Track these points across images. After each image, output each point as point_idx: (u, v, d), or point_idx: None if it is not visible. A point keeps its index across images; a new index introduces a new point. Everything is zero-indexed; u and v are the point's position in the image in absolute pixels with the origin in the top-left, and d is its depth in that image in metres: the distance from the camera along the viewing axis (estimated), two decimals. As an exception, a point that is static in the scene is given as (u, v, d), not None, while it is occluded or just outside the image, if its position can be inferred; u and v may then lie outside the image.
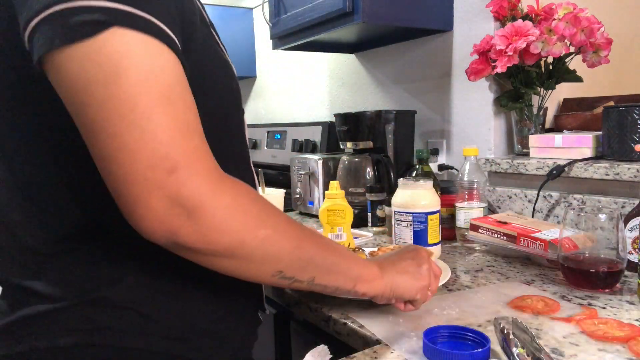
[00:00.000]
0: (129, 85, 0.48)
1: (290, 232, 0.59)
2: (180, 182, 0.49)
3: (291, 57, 2.35)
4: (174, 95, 0.50)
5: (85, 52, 0.48)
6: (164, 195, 0.49)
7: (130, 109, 0.48)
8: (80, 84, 0.48)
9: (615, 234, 0.86)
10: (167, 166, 0.49)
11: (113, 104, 0.48)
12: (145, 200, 0.49)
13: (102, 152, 0.50)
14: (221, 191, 0.52)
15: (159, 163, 0.48)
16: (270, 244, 0.56)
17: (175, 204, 0.49)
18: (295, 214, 1.74)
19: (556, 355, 0.65)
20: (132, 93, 0.48)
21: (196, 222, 0.50)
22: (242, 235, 0.53)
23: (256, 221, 0.55)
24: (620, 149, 1.11)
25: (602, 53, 1.26)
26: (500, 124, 1.44)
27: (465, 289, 0.91)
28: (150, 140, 0.48)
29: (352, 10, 1.33)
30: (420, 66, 1.64)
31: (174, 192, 0.49)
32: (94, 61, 0.48)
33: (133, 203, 0.50)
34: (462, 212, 1.20)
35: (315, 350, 0.69)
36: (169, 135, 0.49)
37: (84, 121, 0.50)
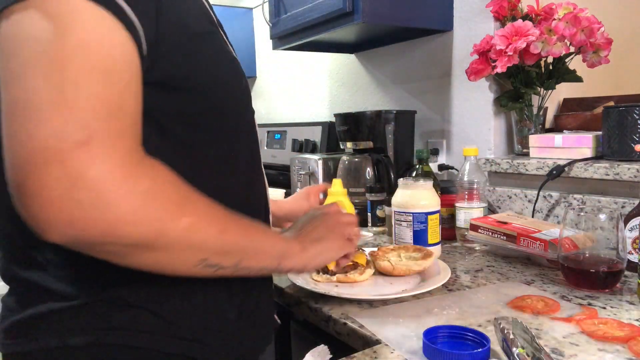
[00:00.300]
0: (71, 47, 0.44)
1: (215, 216, 0.55)
2: (88, 159, 0.43)
3: (291, 57, 2.35)
4: (115, 72, 0.46)
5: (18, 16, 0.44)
6: (65, 173, 0.42)
7: (60, 69, 0.43)
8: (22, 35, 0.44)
9: (615, 234, 0.86)
10: (78, 137, 0.42)
11: (44, 59, 0.43)
12: (40, 174, 0.42)
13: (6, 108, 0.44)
14: (137, 175, 0.46)
15: (70, 132, 0.42)
16: (194, 231, 0.51)
17: (78, 186, 0.42)
18: (295, 214, 1.74)
19: (556, 355, 0.65)
20: (70, 54, 0.44)
21: (102, 210, 0.43)
22: (162, 224, 0.48)
23: (178, 208, 0.50)
24: (620, 149, 1.11)
25: (602, 53, 1.26)
26: (500, 124, 1.44)
27: (465, 289, 0.91)
28: (68, 106, 0.43)
29: (352, 10, 1.33)
30: (420, 66, 1.64)
31: (76, 170, 0.42)
32: (48, 14, 0.44)
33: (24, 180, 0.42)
34: (462, 212, 1.20)
35: (315, 350, 0.69)
36: (92, 107, 0.44)
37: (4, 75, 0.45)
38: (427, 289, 0.86)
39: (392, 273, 0.93)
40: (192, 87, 0.58)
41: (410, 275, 0.94)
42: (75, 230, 0.44)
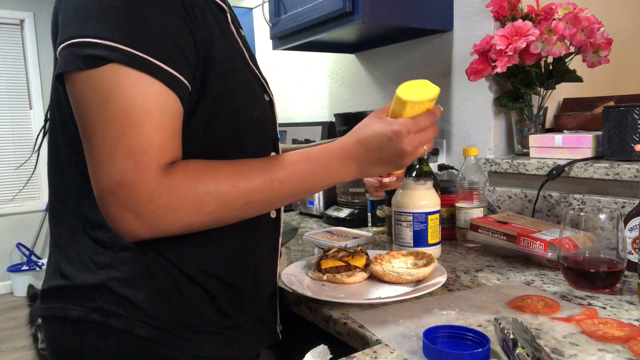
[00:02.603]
0: (114, 110, 0.60)
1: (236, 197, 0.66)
2: (126, 193, 0.60)
3: (291, 57, 2.35)
4: (149, 119, 0.61)
5: (88, 78, 0.61)
6: (117, 204, 0.61)
7: (108, 128, 0.60)
8: (81, 101, 0.62)
9: (615, 234, 0.86)
10: (118, 179, 0.60)
11: (98, 123, 0.61)
12: (103, 204, 0.62)
13: (87, 158, 0.63)
14: (157, 195, 0.61)
15: (114, 176, 0.60)
16: (220, 214, 0.66)
17: (125, 210, 0.61)
18: (295, 214, 1.74)
19: (556, 355, 0.65)
20: (113, 117, 0.60)
21: (145, 223, 0.62)
22: (188, 219, 0.64)
23: (197, 204, 0.64)
24: (620, 149, 1.11)
25: (602, 53, 1.26)
26: (500, 124, 1.44)
27: (465, 289, 0.91)
28: (113, 156, 0.60)
29: (352, 10, 1.33)
30: (420, 66, 1.64)
31: (122, 202, 0.61)
32: (94, 86, 0.61)
33: (102, 209, 0.62)
34: (462, 212, 1.20)
35: (315, 350, 0.69)
36: (127, 153, 0.60)
37: (80, 130, 0.63)
38: (425, 291, 0.86)
39: (383, 279, 0.93)
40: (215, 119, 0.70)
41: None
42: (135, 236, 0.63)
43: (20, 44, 4.43)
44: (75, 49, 0.61)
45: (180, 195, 0.63)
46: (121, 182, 0.60)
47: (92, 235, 0.70)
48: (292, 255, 1.22)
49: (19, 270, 4.20)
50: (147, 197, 0.61)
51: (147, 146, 0.61)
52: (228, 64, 0.71)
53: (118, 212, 0.61)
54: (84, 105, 0.61)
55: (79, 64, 0.60)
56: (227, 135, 0.72)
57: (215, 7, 0.74)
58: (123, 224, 0.61)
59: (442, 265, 1.00)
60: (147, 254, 0.69)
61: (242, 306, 0.77)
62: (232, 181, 0.66)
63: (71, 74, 0.62)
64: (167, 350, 0.69)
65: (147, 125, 0.61)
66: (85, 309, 0.68)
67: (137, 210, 0.61)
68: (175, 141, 0.64)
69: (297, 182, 0.71)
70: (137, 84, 0.61)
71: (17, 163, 4.36)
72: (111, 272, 0.68)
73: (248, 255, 0.78)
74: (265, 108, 0.78)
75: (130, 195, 0.60)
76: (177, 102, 0.64)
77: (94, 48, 0.60)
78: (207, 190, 0.65)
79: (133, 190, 0.60)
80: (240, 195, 0.67)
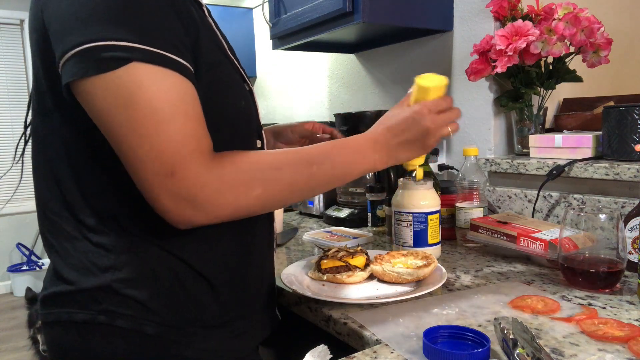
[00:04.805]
0: (141, 109, 0.61)
1: (280, 180, 0.70)
2: (177, 183, 0.62)
3: (291, 57, 2.35)
4: (177, 111, 0.63)
5: (109, 81, 0.61)
6: (170, 195, 0.62)
7: (142, 127, 0.61)
8: (105, 106, 0.62)
9: (615, 234, 0.86)
10: (167, 172, 0.62)
11: (130, 124, 0.61)
12: (158, 198, 0.63)
13: (125, 160, 0.64)
14: (208, 181, 0.64)
15: (162, 170, 0.62)
16: (264, 198, 0.69)
17: (180, 199, 0.63)
18: (295, 214, 1.74)
19: (556, 355, 0.65)
20: (143, 115, 0.61)
21: (200, 209, 0.64)
22: (237, 202, 0.67)
23: (245, 188, 0.67)
24: (620, 149, 1.11)
25: (602, 53, 1.26)
26: (500, 124, 1.44)
27: (465, 289, 0.91)
28: (156, 152, 0.61)
29: (352, 10, 1.33)
30: (420, 66, 1.64)
31: (175, 191, 0.62)
32: (116, 89, 0.61)
33: (152, 201, 0.64)
34: (462, 212, 1.20)
35: (315, 350, 0.69)
36: (169, 147, 0.62)
37: (110, 136, 0.64)
38: (425, 291, 0.86)
39: (383, 279, 0.93)
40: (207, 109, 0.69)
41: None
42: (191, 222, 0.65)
43: (20, 44, 4.43)
44: (88, 53, 0.60)
45: (230, 180, 0.66)
46: (172, 174, 0.62)
47: (92, 240, 0.70)
48: (292, 255, 1.22)
49: (19, 270, 4.20)
50: (200, 184, 0.63)
51: (184, 137, 0.63)
52: (213, 56, 0.72)
53: (173, 202, 0.62)
54: (110, 109, 0.62)
55: (97, 68, 0.60)
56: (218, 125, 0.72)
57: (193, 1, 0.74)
58: (180, 213, 0.63)
59: (442, 265, 1.00)
60: (149, 252, 0.70)
61: (244, 297, 0.78)
62: (275, 167, 0.70)
63: (85, 81, 0.61)
64: (173, 346, 0.70)
65: (178, 118, 0.63)
66: (91, 312, 0.68)
67: (192, 197, 0.63)
68: (204, 128, 0.66)
69: (335, 169, 0.75)
70: (158, 79, 0.62)
71: (17, 163, 4.35)
72: (115, 274, 0.68)
73: (246, 245, 0.79)
74: (248, 97, 0.81)
75: (183, 185, 0.62)
76: (193, 89, 0.66)
77: (109, 50, 0.60)
78: (253, 175, 0.68)
79: (185, 180, 0.62)
80: (283, 179, 0.70)
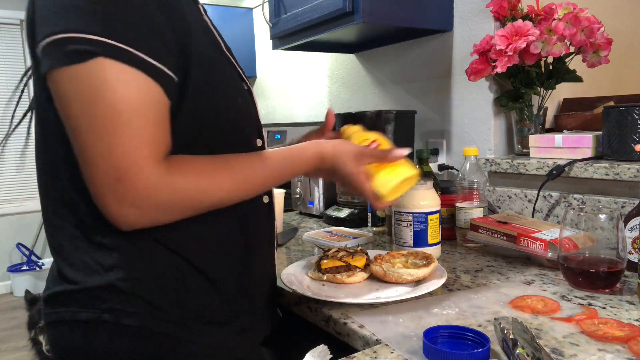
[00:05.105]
0: (101, 107, 0.60)
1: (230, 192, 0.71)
2: (124, 189, 0.61)
3: (291, 57, 2.35)
4: (136, 114, 0.61)
5: (75, 74, 0.60)
6: (115, 198, 0.62)
7: (100, 126, 0.60)
8: (68, 98, 0.61)
9: (615, 234, 0.86)
10: (116, 175, 0.61)
11: (88, 121, 0.60)
12: (103, 199, 0.62)
13: (79, 155, 0.63)
14: (158, 192, 0.63)
15: (111, 172, 0.61)
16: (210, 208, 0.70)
17: (125, 205, 0.62)
18: (295, 214, 1.74)
19: (556, 355, 0.65)
20: (102, 113, 0.60)
21: (147, 216, 0.64)
22: (184, 214, 0.68)
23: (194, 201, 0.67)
24: (620, 149, 1.11)
25: (602, 53, 1.26)
26: (500, 124, 1.44)
27: (465, 289, 0.91)
28: (109, 154, 0.60)
29: (352, 10, 1.33)
30: (420, 66, 1.64)
31: (121, 196, 0.62)
32: (80, 82, 0.60)
33: (97, 200, 0.63)
34: (462, 212, 1.20)
35: (315, 350, 0.69)
36: (123, 150, 0.61)
37: (69, 129, 0.63)
38: (425, 291, 0.86)
39: (384, 279, 0.93)
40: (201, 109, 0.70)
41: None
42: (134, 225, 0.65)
43: (20, 44, 4.43)
44: (58, 44, 0.60)
45: (180, 194, 0.65)
46: (120, 178, 0.61)
47: (95, 240, 0.69)
48: (292, 255, 1.22)
49: (19, 270, 4.20)
50: (147, 193, 0.62)
51: (139, 142, 0.62)
52: (207, 53, 0.72)
53: (118, 206, 0.62)
54: (72, 103, 0.61)
55: (64, 59, 0.60)
56: (214, 124, 0.73)
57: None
58: (123, 217, 0.63)
59: (442, 265, 1.00)
60: (153, 250, 0.70)
61: (247, 294, 0.79)
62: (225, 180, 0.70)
63: (55, 72, 0.61)
64: (179, 343, 0.70)
65: (138, 121, 0.61)
66: (95, 311, 0.68)
67: (138, 204, 0.62)
68: (165, 134, 0.65)
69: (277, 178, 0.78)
70: (123, 78, 0.60)
71: (17, 163, 4.36)
72: (119, 273, 0.68)
73: (248, 242, 0.79)
74: (246, 96, 0.80)
75: (129, 191, 0.61)
76: (162, 95, 0.64)
77: (77, 43, 0.59)
78: (204, 188, 0.68)
79: (132, 187, 0.61)
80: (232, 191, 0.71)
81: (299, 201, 1.70)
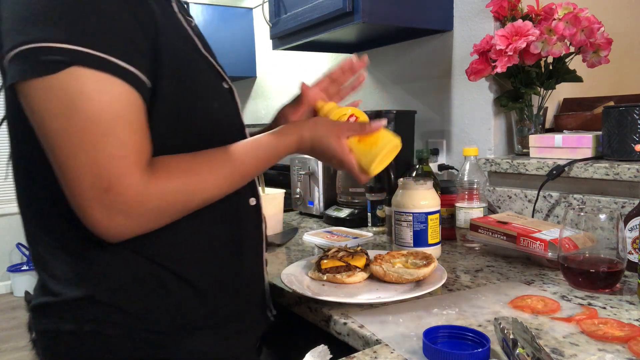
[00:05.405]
0: (81, 119, 0.58)
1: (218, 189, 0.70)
2: (113, 198, 0.60)
3: (291, 57, 2.35)
4: (119, 123, 0.60)
5: (48, 85, 0.58)
6: (104, 208, 0.60)
7: (81, 138, 0.59)
8: (43, 111, 0.59)
9: (615, 234, 0.86)
10: (103, 186, 0.60)
11: (67, 133, 0.58)
12: (89, 210, 0.61)
13: (58, 169, 0.61)
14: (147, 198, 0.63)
15: (98, 183, 0.59)
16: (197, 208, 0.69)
17: (114, 213, 0.61)
18: (295, 214, 1.74)
19: (556, 355, 0.65)
20: (82, 126, 0.58)
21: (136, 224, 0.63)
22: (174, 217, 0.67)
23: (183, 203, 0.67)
24: (620, 149, 1.11)
25: (602, 53, 1.26)
26: (500, 124, 1.44)
27: (465, 289, 0.91)
28: (95, 165, 0.59)
29: (352, 10, 1.33)
30: (420, 66, 1.64)
31: (110, 205, 0.60)
32: (55, 95, 0.58)
33: (82, 213, 0.61)
34: (462, 212, 1.20)
35: (315, 350, 0.69)
36: (108, 161, 0.59)
37: (45, 142, 0.61)
38: (425, 291, 0.86)
39: (384, 279, 0.93)
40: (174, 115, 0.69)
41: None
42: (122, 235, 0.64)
43: None
44: (28, 55, 0.57)
45: (169, 197, 0.65)
46: (108, 188, 0.60)
47: (74, 251, 0.68)
48: (292, 255, 1.22)
49: (19, 270, 4.20)
50: (136, 200, 0.62)
51: (125, 151, 0.61)
52: (178, 55, 0.69)
53: (106, 216, 0.61)
54: (48, 117, 0.59)
55: (35, 71, 0.57)
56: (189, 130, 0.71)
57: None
58: (113, 228, 0.62)
59: (442, 265, 1.00)
60: (132, 260, 0.68)
61: (232, 300, 0.77)
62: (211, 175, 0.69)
63: (26, 84, 0.58)
64: (164, 352, 0.69)
65: (120, 129, 0.60)
66: (77, 322, 0.67)
67: (129, 213, 0.62)
68: (146, 139, 0.65)
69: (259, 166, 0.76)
70: (100, 87, 0.59)
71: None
72: (99, 284, 0.67)
73: (233, 247, 0.77)
74: (225, 98, 0.78)
75: (119, 199, 0.60)
76: (139, 100, 0.63)
77: (48, 53, 0.57)
78: (192, 189, 0.67)
79: (121, 195, 0.60)
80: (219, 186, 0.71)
81: (299, 201, 1.70)
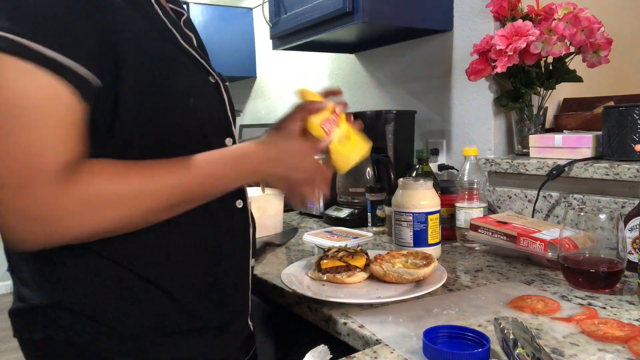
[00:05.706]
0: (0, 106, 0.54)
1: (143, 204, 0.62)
2: (25, 200, 0.55)
3: (291, 57, 2.35)
4: (39, 117, 0.55)
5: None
6: (16, 212, 0.55)
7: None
8: None
9: (615, 234, 0.86)
10: (15, 184, 0.54)
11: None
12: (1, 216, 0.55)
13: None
14: (58, 199, 0.56)
15: (8, 182, 0.54)
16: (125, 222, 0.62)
17: (27, 219, 0.55)
18: (295, 214, 1.74)
19: (556, 355, 0.65)
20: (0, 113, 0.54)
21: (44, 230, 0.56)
22: (89, 228, 0.59)
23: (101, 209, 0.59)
24: (620, 149, 1.11)
25: (602, 53, 1.26)
26: (500, 124, 1.44)
27: (465, 289, 0.91)
28: (3, 158, 0.54)
29: (352, 10, 1.33)
30: (420, 66, 1.64)
31: (22, 209, 0.55)
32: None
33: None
34: (462, 212, 1.20)
35: (315, 350, 0.69)
36: (22, 157, 0.54)
37: None
38: (425, 291, 0.86)
39: (384, 279, 0.93)
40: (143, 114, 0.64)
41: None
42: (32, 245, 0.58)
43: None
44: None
45: (85, 200, 0.58)
46: (15, 186, 0.54)
47: (41, 255, 0.65)
48: (292, 255, 1.22)
49: (19, 270, 4.20)
50: (45, 201, 0.55)
51: (40, 146, 0.55)
52: (147, 50, 0.64)
53: (11, 218, 0.55)
54: None
55: None
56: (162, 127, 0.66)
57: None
58: (17, 231, 0.56)
59: (442, 265, 1.00)
60: (98, 264, 0.66)
61: (212, 303, 0.74)
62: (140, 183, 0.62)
63: None
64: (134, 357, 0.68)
65: (38, 123, 0.55)
66: (47, 329, 0.66)
67: (34, 216, 0.55)
68: (72, 140, 0.58)
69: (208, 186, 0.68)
70: (24, 76, 0.54)
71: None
72: (66, 290, 0.66)
73: (211, 252, 0.74)
74: (205, 93, 0.73)
75: (32, 202, 0.55)
76: (71, 96, 0.57)
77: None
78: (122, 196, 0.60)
79: (29, 196, 0.55)
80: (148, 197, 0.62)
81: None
